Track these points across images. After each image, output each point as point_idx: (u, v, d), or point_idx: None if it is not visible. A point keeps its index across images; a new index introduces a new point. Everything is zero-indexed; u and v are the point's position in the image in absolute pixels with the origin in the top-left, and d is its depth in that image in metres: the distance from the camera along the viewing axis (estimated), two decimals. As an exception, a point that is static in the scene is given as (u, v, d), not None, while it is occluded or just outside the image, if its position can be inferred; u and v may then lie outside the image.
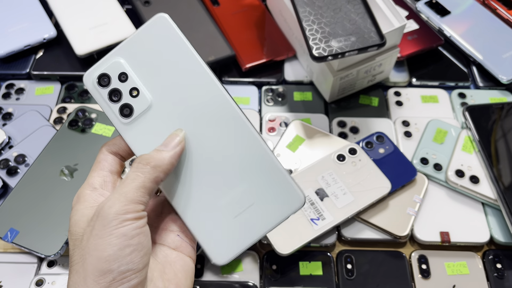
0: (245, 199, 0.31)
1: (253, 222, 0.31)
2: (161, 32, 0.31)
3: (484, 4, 0.70)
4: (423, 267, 0.48)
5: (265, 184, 0.31)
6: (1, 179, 0.52)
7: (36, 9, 0.66)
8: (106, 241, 0.28)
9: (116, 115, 0.31)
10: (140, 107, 0.31)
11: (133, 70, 0.31)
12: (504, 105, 0.57)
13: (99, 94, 0.31)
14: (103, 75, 0.31)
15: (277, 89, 0.62)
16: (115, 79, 0.31)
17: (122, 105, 0.31)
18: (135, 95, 0.31)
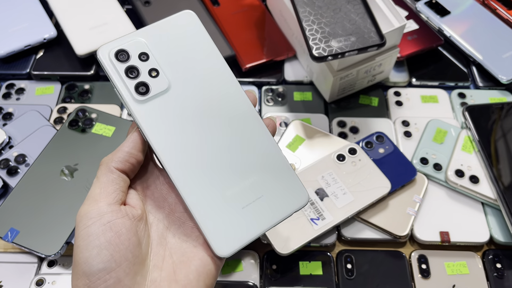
0: (254, 192, 0.31)
1: (259, 216, 0.31)
2: (187, 25, 0.32)
3: (484, 4, 0.70)
4: (423, 267, 0.48)
5: (274, 179, 0.31)
6: (1, 179, 0.52)
7: (36, 9, 0.66)
8: (77, 244, 0.28)
9: (130, 91, 0.30)
10: (158, 87, 0.31)
11: (154, 53, 0.31)
12: (504, 105, 0.57)
13: (114, 68, 0.30)
14: (122, 51, 0.31)
15: (277, 89, 0.62)
16: (134, 57, 0.31)
17: (139, 82, 0.30)
18: (154, 75, 0.31)
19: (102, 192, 0.29)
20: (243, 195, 0.31)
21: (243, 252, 0.49)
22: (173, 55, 0.32)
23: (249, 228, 0.31)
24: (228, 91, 0.32)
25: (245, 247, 0.49)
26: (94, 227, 0.28)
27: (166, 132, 0.30)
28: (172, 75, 0.31)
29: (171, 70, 0.31)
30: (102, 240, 0.27)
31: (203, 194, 0.30)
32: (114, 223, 0.28)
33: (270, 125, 0.34)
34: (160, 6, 0.65)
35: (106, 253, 0.27)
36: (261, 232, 0.31)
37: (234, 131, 0.32)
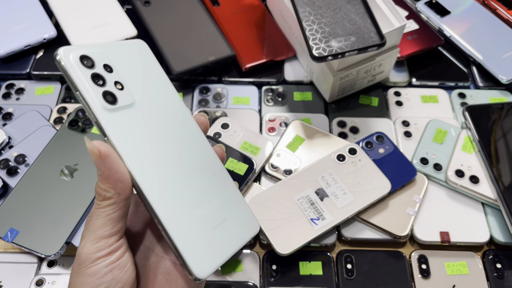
0: (220, 213, 0.30)
1: (227, 237, 0.30)
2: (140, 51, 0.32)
3: (484, 4, 0.70)
4: (423, 267, 0.48)
5: (233, 204, 0.32)
6: (1, 179, 0.52)
7: (36, 9, 0.66)
8: (80, 280, 0.28)
9: (98, 98, 0.28)
10: (124, 100, 0.29)
11: (116, 68, 0.30)
12: (504, 105, 0.57)
13: (79, 72, 0.28)
14: (87, 57, 0.28)
15: (277, 89, 0.62)
16: (99, 66, 0.29)
17: (107, 91, 0.28)
18: (119, 88, 0.29)
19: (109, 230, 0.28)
20: (211, 216, 0.30)
21: (243, 253, 0.49)
22: (131, 74, 0.30)
23: (221, 250, 0.30)
24: (182, 117, 0.32)
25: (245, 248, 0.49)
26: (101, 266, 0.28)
27: (134, 146, 0.28)
28: (134, 92, 0.30)
29: (132, 87, 0.30)
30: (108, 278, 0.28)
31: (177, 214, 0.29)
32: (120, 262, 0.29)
33: (218, 154, 0.33)
34: (160, 6, 0.65)
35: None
36: (231, 254, 0.30)
37: (194, 156, 0.31)
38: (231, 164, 0.51)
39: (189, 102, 0.61)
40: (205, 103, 0.61)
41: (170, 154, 0.30)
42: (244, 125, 0.56)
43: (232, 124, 0.55)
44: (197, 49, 0.61)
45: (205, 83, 0.63)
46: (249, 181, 0.50)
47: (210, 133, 0.55)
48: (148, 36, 0.62)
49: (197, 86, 0.63)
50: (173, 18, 0.64)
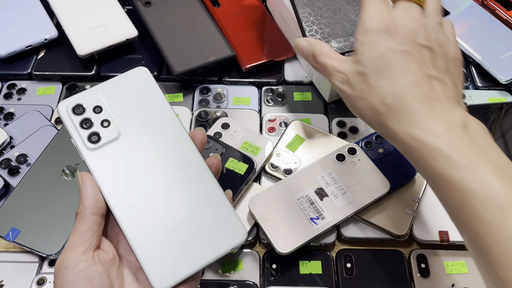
0: (192, 230, 0.33)
1: (196, 253, 0.33)
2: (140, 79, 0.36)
3: (483, 5, 0.70)
4: (422, 266, 0.48)
5: (213, 218, 0.33)
6: (3, 178, 0.53)
7: (37, 10, 0.66)
8: None
9: (83, 140, 0.34)
10: (108, 136, 0.34)
11: (108, 105, 0.35)
12: (503, 105, 0.58)
13: (71, 121, 0.34)
14: (79, 105, 0.34)
15: (277, 89, 0.63)
16: (89, 110, 0.34)
17: (92, 132, 0.34)
18: (106, 125, 0.34)
19: (78, 241, 0.31)
20: (182, 233, 0.33)
21: (243, 252, 0.49)
22: (125, 106, 0.35)
23: (186, 264, 0.32)
24: (174, 138, 0.35)
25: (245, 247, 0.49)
26: (69, 275, 0.30)
27: (113, 175, 0.33)
28: (123, 125, 0.34)
29: (122, 120, 0.34)
30: (76, 287, 0.30)
31: (144, 231, 0.33)
32: (88, 270, 0.31)
33: (213, 165, 0.35)
34: (161, 6, 0.65)
35: None
36: (197, 269, 0.32)
37: (177, 175, 0.34)
38: (231, 164, 0.51)
39: (189, 103, 0.62)
40: (205, 103, 0.61)
41: (148, 179, 0.34)
42: (244, 125, 0.56)
43: (233, 124, 0.56)
44: (198, 49, 0.61)
45: (206, 83, 0.64)
46: (249, 181, 0.51)
47: (210, 133, 0.55)
48: (149, 36, 0.63)
49: (198, 87, 0.63)
50: (174, 18, 0.64)
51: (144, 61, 0.65)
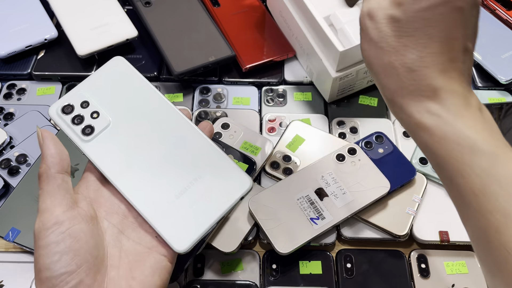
0: (199, 188, 0.35)
1: (207, 208, 0.35)
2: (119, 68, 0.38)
3: (483, 5, 0.70)
4: (422, 266, 0.48)
5: (216, 173, 0.36)
6: (3, 178, 0.53)
7: (37, 10, 0.66)
8: (37, 254, 0.30)
9: (78, 135, 0.36)
10: (101, 125, 0.36)
11: (94, 98, 0.37)
12: (503, 105, 0.58)
13: (63, 121, 0.36)
14: (67, 105, 0.37)
15: (277, 90, 0.63)
16: (77, 107, 0.37)
17: (84, 126, 0.36)
18: (95, 117, 0.36)
19: (52, 202, 0.31)
20: (189, 194, 0.35)
21: (243, 252, 0.49)
22: (110, 96, 0.37)
23: (201, 221, 0.34)
24: (162, 113, 0.37)
25: (245, 247, 0.49)
26: (53, 236, 0.30)
27: (113, 159, 0.35)
28: (112, 112, 0.37)
29: (110, 108, 0.37)
30: (63, 247, 0.30)
31: (153, 201, 0.34)
32: (73, 229, 0.31)
33: (206, 128, 0.38)
34: (161, 6, 0.65)
35: (66, 258, 0.30)
36: (212, 223, 0.34)
37: (172, 143, 0.36)
38: (231, 164, 0.51)
39: (189, 103, 0.62)
40: (205, 103, 0.61)
41: (146, 152, 0.36)
42: (244, 125, 0.56)
43: (232, 124, 0.56)
44: (198, 49, 0.61)
45: (206, 83, 0.64)
46: (249, 181, 0.51)
47: (210, 133, 0.55)
48: (149, 36, 0.63)
49: (198, 87, 0.63)
50: (174, 18, 0.64)
51: (144, 61, 0.65)
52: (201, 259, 0.48)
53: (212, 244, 0.47)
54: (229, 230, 0.48)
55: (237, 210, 0.50)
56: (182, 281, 0.47)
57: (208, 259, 0.48)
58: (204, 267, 0.48)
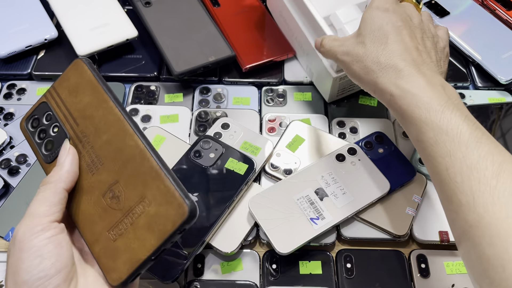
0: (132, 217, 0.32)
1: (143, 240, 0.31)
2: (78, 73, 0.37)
3: (483, 5, 0.70)
4: (422, 266, 0.48)
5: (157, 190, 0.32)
6: (3, 178, 0.53)
7: (37, 10, 0.66)
8: (16, 257, 0.31)
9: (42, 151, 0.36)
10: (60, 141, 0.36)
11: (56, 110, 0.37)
12: (503, 105, 0.58)
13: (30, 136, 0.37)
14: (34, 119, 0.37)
15: (277, 90, 0.63)
16: (42, 120, 0.37)
17: (47, 141, 0.36)
18: (56, 130, 0.36)
19: (46, 211, 0.32)
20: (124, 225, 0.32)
21: (243, 252, 0.49)
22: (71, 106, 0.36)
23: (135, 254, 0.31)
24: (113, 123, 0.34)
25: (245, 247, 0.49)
26: (37, 240, 0.31)
27: None
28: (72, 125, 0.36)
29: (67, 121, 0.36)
30: (45, 251, 0.31)
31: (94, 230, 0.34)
32: (57, 237, 0.32)
33: None
34: (161, 6, 0.65)
35: (47, 263, 0.30)
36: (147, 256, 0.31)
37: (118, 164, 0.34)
38: (231, 164, 0.51)
39: (189, 103, 0.62)
40: (205, 103, 0.61)
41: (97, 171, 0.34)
42: (244, 125, 0.56)
43: (232, 124, 0.56)
44: (198, 49, 0.61)
45: (206, 83, 0.64)
46: (249, 181, 0.51)
47: (210, 133, 0.55)
48: (149, 36, 0.63)
49: (198, 87, 0.63)
50: (174, 18, 0.64)
51: (144, 61, 0.65)
52: (201, 259, 0.48)
53: (212, 244, 0.47)
54: (229, 230, 0.48)
55: (237, 210, 0.50)
56: (182, 281, 0.47)
57: (208, 259, 0.48)
58: (204, 267, 0.48)
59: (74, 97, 0.36)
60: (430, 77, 0.39)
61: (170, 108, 0.60)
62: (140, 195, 0.32)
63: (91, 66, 0.37)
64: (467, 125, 0.36)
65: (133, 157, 0.33)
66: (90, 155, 0.35)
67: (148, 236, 0.31)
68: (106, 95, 0.35)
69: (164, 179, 0.31)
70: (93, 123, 0.35)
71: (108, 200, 0.33)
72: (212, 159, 0.51)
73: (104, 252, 0.32)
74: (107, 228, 0.33)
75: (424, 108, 0.37)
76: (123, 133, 0.33)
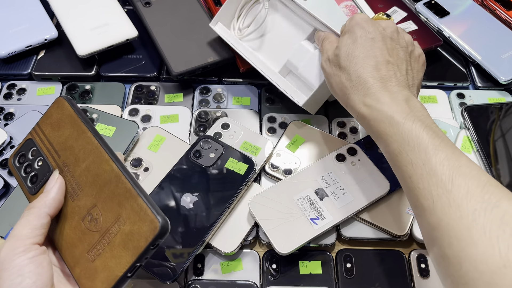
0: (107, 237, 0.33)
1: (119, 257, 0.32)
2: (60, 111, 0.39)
3: (482, 5, 0.70)
4: (422, 266, 0.48)
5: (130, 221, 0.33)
6: (3, 178, 0.53)
7: (37, 10, 0.66)
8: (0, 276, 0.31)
9: (28, 184, 0.38)
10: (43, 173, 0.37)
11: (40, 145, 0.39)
12: (502, 105, 0.58)
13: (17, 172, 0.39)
14: (21, 155, 0.39)
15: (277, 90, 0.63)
16: (28, 155, 0.39)
17: (32, 175, 0.38)
18: (40, 164, 0.38)
19: (29, 233, 0.33)
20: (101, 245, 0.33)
21: (243, 252, 0.49)
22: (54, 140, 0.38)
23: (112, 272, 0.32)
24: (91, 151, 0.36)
25: (245, 247, 0.49)
26: (19, 260, 0.32)
27: None
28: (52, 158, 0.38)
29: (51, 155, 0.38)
30: (26, 270, 0.31)
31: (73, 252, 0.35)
32: (38, 258, 0.33)
33: None
34: (161, 7, 0.65)
35: (28, 281, 0.31)
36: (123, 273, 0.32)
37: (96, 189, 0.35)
38: (231, 164, 0.51)
39: (189, 103, 0.62)
40: (205, 103, 0.61)
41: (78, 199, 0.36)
42: (244, 125, 0.56)
43: (232, 125, 0.56)
44: (197, 50, 0.61)
45: (205, 83, 0.64)
46: (249, 181, 0.51)
47: (210, 133, 0.55)
48: (149, 36, 0.63)
49: (198, 87, 0.63)
50: (173, 19, 0.64)
51: (144, 61, 0.65)
52: (201, 259, 0.48)
53: (212, 244, 0.47)
54: (229, 230, 0.48)
55: (237, 210, 0.50)
56: (182, 281, 0.47)
57: (208, 259, 0.48)
58: (204, 267, 0.48)
59: (56, 131, 0.38)
60: (395, 93, 0.41)
61: (170, 108, 0.60)
62: (116, 215, 0.33)
63: (71, 103, 0.39)
64: (426, 134, 0.37)
65: (109, 180, 0.34)
66: (71, 183, 0.36)
67: (123, 254, 0.32)
68: (84, 127, 0.37)
69: (137, 198, 0.32)
70: (73, 153, 0.37)
71: (87, 223, 0.34)
72: (212, 159, 0.51)
73: (84, 274, 0.33)
74: (86, 250, 0.34)
75: (388, 121, 0.40)
76: (100, 160, 0.35)
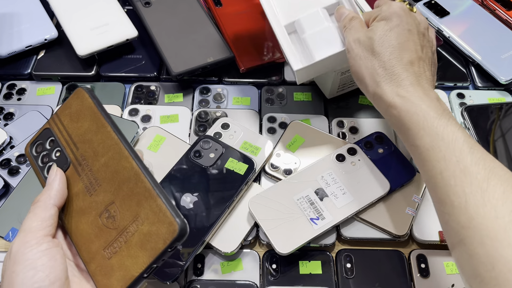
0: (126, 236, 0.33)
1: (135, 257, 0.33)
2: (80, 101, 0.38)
3: (482, 5, 0.70)
4: (422, 266, 0.48)
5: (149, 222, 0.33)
6: (3, 178, 0.53)
7: (37, 10, 0.66)
8: (11, 270, 0.31)
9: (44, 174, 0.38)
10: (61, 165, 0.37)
11: (59, 136, 0.38)
12: (502, 105, 0.58)
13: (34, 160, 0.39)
14: (39, 144, 0.39)
15: (277, 90, 0.63)
16: (46, 145, 0.39)
17: (50, 166, 0.38)
18: (58, 155, 0.38)
19: (39, 225, 0.34)
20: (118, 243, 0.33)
21: (243, 252, 0.49)
22: (72, 132, 0.38)
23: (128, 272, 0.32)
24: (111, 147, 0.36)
25: (245, 247, 0.49)
26: (32, 253, 0.32)
27: None
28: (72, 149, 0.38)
29: (69, 146, 0.38)
30: (39, 263, 0.32)
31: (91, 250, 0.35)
32: (51, 250, 0.33)
33: None
34: (161, 6, 0.65)
35: (41, 275, 0.31)
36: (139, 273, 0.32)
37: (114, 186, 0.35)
38: (231, 164, 0.51)
39: (189, 103, 0.62)
40: (205, 103, 0.61)
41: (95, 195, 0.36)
42: (244, 125, 0.56)
43: (232, 124, 0.56)
44: (196, 50, 0.61)
45: (205, 83, 0.64)
46: (249, 181, 0.51)
47: (210, 133, 0.55)
48: (148, 36, 0.63)
49: (198, 87, 0.63)
50: (173, 19, 0.64)
51: (144, 61, 0.65)
52: (201, 259, 0.48)
53: (212, 244, 0.47)
54: (229, 230, 0.48)
55: (237, 210, 0.50)
56: (182, 281, 0.47)
57: (208, 259, 0.48)
58: (204, 267, 0.48)
59: (75, 122, 0.38)
60: (427, 90, 0.42)
61: (170, 108, 0.60)
62: (134, 214, 0.33)
63: (92, 94, 0.38)
64: (461, 133, 0.38)
65: (128, 178, 0.34)
66: (89, 177, 0.36)
67: (140, 254, 0.32)
68: (104, 121, 0.37)
69: (156, 199, 0.32)
70: (92, 147, 0.36)
71: (104, 220, 0.34)
72: (212, 159, 0.51)
73: (100, 270, 0.33)
74: (102, 247, 0.34)
75: (422, 115, 0.39)
76: (120, 156, 0.35)
